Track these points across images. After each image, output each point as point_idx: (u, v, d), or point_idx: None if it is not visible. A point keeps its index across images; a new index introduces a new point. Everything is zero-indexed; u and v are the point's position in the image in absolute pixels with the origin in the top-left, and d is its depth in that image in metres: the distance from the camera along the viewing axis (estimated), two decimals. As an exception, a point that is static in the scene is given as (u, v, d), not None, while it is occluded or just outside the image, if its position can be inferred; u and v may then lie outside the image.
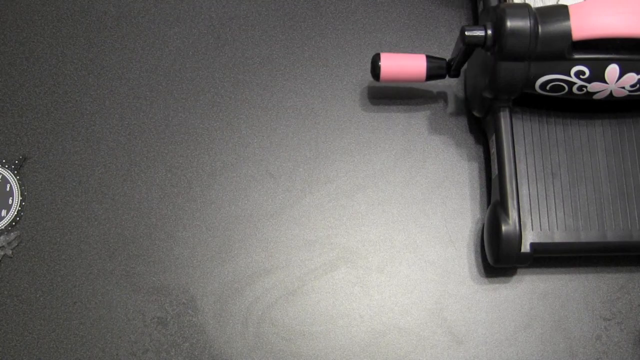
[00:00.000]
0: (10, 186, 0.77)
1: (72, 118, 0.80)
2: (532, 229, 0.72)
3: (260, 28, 0.84)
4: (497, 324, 0.74)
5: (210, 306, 0.74)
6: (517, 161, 0.74)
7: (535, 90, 0.72)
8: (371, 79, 0.82)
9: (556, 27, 0.68)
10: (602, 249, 0.73)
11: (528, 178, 0.74)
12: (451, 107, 0.82)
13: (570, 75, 0.70)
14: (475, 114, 0.78)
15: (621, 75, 0.70)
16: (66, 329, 0.72)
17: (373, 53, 0.83)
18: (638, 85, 0.71)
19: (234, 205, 0.77)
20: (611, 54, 0.69)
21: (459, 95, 0.82)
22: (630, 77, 0.70)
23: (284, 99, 0.81)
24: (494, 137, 0.75)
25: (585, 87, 0.71)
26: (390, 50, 0.84)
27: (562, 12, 0.68)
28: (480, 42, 0.70)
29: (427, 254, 0.76)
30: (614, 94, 0.72)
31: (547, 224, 0.72)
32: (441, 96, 0.82)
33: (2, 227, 0.75)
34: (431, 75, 0.77)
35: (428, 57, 0.77)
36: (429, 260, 0.76)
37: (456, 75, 0.77)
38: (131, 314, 0.73)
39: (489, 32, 0.69)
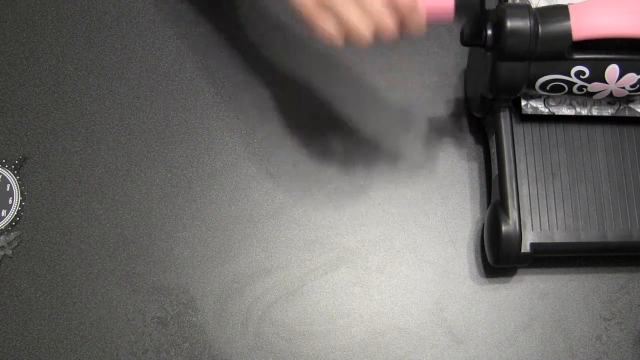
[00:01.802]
0: (10, 186, 0.77)
1: (72, 118, 0.80)
2: (532, 229, 0.72)
3: (259, 28, 0.84)
4: (497, 324, 0.74)
5: (210, 306, 0.74)
6: (517, 161, 0.74)
7: (536, 91, 0.72)
8: (371, 78, 0.82)
9: (556, 27, 0.68)
10: (602, 249, 0.73)
11: (528, 178, 0.74)
12: (451, 107, 0.82)
13: (570, 75, 0.70)
14: (475, 114, 0.78)
15: (621, 75, 0.70)
16: (66, 329, 0.72)
17: (372, 53, 0.83)
18: (638, 85, 0.71)
19: (234, 205, 0.77)
20: (611, 54, 0.69)
21: (459, 95, 0.82)
22: (630, 77, 0.70)
23: (284, 99, 0.81)
24: (494, 137, 0.75)
25: (585, 87, 0.71)
26: (389, 50, 0.83)
27: (562, 12, 0.68)
28: (480, 43, 0.70)
29: (427, 254, 0.76)
30: (614, 94, 0.72)
31: (547, 224, 0.72)
32: (441, 96, 0.82)
33: (2, 227, 0.75)
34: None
35: None
36: (429, 260, 0.76)
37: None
38: (131, 314, 0.73)
39: (489, 32, 0.69)
